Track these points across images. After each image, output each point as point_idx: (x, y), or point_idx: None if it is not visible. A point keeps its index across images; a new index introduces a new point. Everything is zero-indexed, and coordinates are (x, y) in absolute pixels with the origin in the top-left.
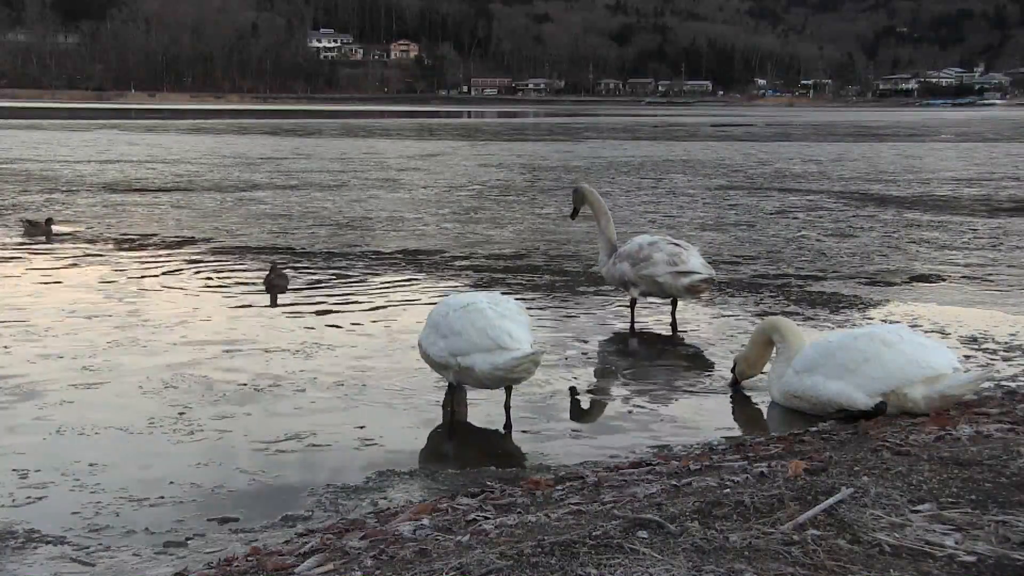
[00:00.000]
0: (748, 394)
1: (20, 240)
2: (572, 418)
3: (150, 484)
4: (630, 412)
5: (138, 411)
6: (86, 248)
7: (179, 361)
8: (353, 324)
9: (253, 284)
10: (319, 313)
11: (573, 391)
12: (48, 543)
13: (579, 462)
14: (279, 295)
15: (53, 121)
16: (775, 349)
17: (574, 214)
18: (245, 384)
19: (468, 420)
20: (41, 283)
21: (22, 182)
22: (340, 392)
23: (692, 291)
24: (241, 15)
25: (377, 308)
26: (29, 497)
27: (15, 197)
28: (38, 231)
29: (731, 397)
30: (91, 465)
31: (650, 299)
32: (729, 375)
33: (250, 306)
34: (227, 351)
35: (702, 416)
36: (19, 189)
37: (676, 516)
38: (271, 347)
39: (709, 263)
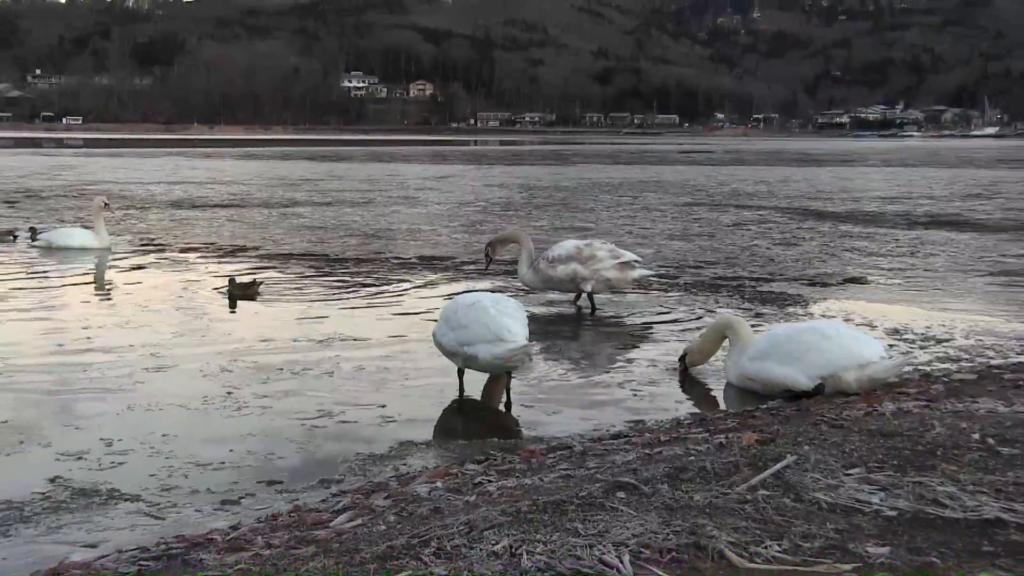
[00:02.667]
0: (708, 379)
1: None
2: (561, 398)
3: (209, 452)
4: (610, 393)
5: (197, 391)
6: (156, 255)
7: (230, 350)
8: (376, 319)
9: (294, 285)
10: (347, 309)
11: (562, 376)
12: (126, 500)
13: (567, 435)
14: (240, 301)
15: (130, 149)
16: (727, 342)
17: (489, 263)
18: (282, 369)
19: (474, 398)
20: (121, 284)
21: (104, 199)
22: (365, 376)
23: (634, 283)
24: (285, 61)
25: (397, 305)
26: (112, 462)
27: (106, 214)
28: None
29: (689, 382)
30: (162, 436)
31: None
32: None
33: (290, 304)
34: (269, 341)
35: (671, 397)
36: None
37: (649, 479)
38: (307, 338)
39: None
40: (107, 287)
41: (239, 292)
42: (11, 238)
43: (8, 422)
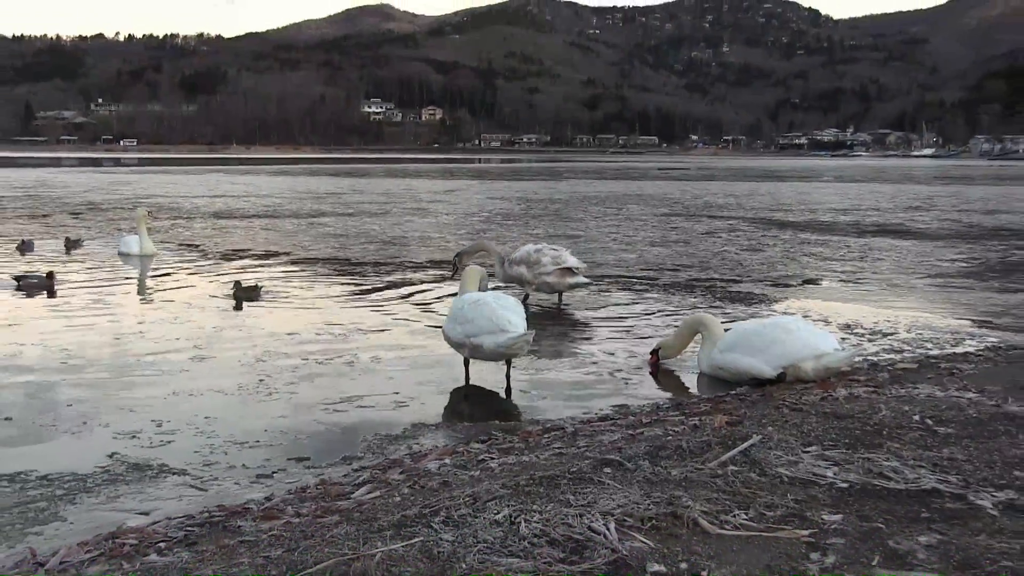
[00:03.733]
0: (682, 370)
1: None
2: (555, 386)
3: (245, 432)
4: (598, 382)
5: (234, 379)
6: (199, 258)
7: (263, 343)
8: (391, 315)
9: (317, 284)
10: (366, 306)
11: (555, 366)
12: (174, 474)
13: (560, 417)
14: (246, 303)
15: (177, 167)
16: (699, 337)
17: (456, 271)
18: (307, 360)
19: (478, 385)
20: (169, 284)
21: (156, 211)
22: (381, 366)
23: (572, 287)
24: (313, 89)
25: (410, 303)
26: (162, 441)
27: (150, 222)
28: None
29: (663, 373)
30: (205, 418)
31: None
32: (649, 356)
33: (315, 302)
34: (296, 335)
35: (651, 385)
36: (151, 216)
37: (632, 457)
38: (329, 332)
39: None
40: (156, 288)
41: (243, 295)
42: (77, 245)
43: (72, 406)
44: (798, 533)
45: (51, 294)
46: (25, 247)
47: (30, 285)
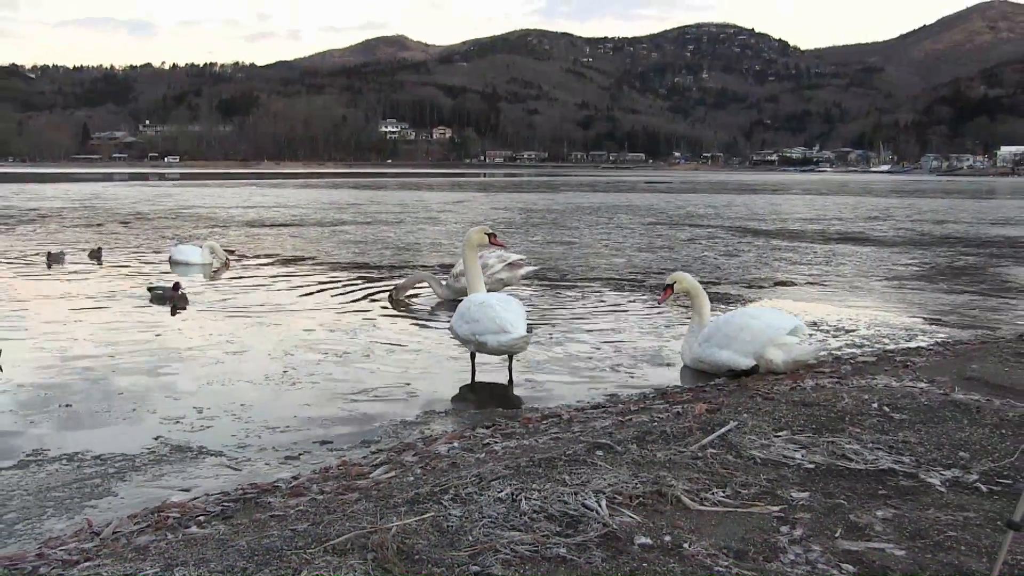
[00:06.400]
0: (669, 364)
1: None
2: (552, 377)
3: (275, 418)
4: (591, 373)
5: (264, 371)
6: (234, 263)
7: (290, 337)
8: (405, 313)
9: (339, 286)
10: (382, 306)
11: (553, 360)
12: (211, 455)
13: (557, 406)
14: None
15: (215, 181)
16: (690, 328)
17: (399, 293)
18: (328, 353)
19: (483, 377)
20: (206, 284)
21: (195, 220)
22: (395, 359)
23: (523, 278)
24: (335, 111)
25: (422, 303)
26: (202, 425)
27: (191, 230)
28: (55, 260)
29: (657, 363)
30: (240, 405)
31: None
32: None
33: (337, 298)
34: (319, 331)
35: (638, 375)
36: (193, 225)
37: (621, 440)
38: (348, 329)
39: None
40: (193, 287)
41: (158, 299)
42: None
43: (123, 394)
44: (770, 509)
45: (178, 304)
46: (55, 259)
47: (159, 296)
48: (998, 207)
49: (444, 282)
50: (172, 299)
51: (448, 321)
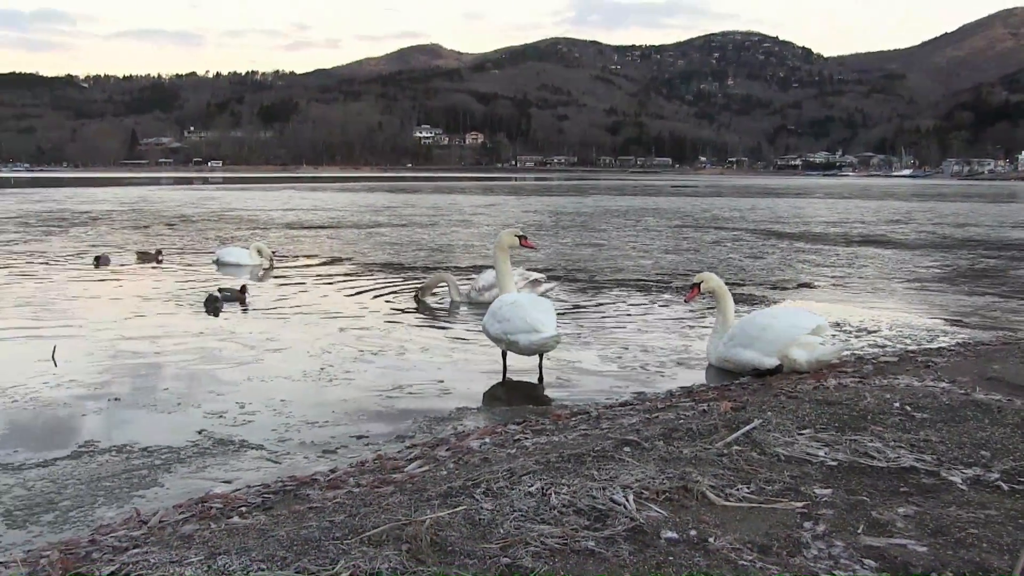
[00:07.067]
0: (695, 363)
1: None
2: (582, 375)
3: (313, 414)
4: (619, 372)
5: (303, 368)
6: (275, 263)
7: (326, 335)
8: (438, 313)
9: (375, 286)
10: (415, 305)
11: (583, 359)
12: (253, 448)
13: (586, 403)
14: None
15: (256, 185)
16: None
17: (424, 293)
18: (363, 351)
19: (514, 375)
20: (247, 284)
21: (237, 222)
22: (429, 357)
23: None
24: (371, 117)
25: (449, 303)
26: (243, 420)
27: (233, 232)
28: (149, 259)
29: (683, 362)
30: (280, 401)
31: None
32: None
33: (373, 298)
34: (354, 330)
35: (665, 375)
36: (235, 227)
37: (648, 437)
38: (383, 327)
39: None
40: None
41: (226, 299)
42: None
43: (168, 389)
44: (793, 505)
45: (243, 305)
46: (101, 262)
47: (227, 298)
48: (1019, 211)
49: (464, 290)
50: (240, 301)
51: (479, 321)
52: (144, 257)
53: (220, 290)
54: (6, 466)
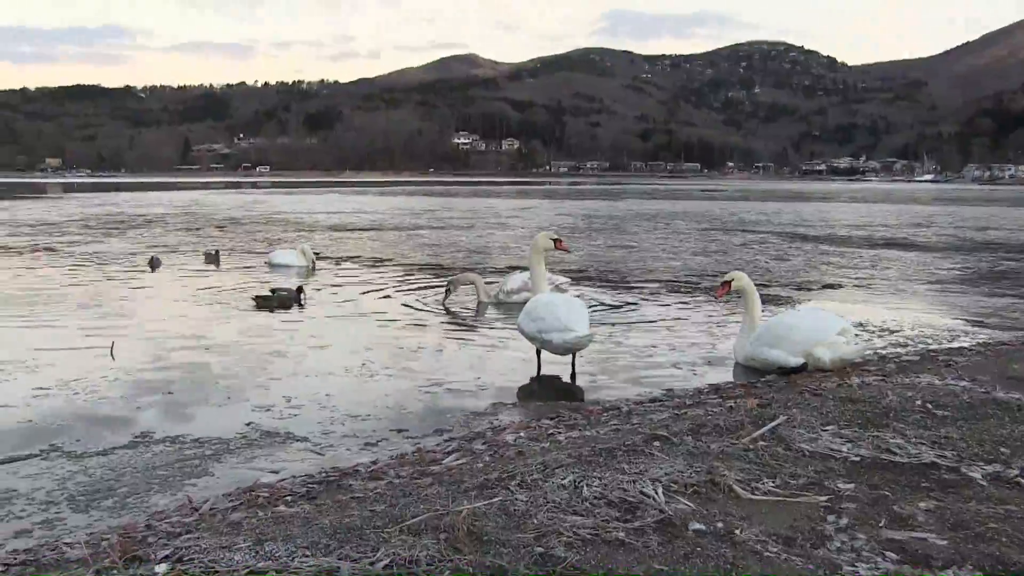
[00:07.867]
0: (722, 361)
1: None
2: (613, 373)
3: (355, 408)
4: (649, 369)
5: (345, 363)
6: (320, 264)
7: (368, 333)
8: (469, 313)
9: (415, 286)
10: (454, 304)
11: (614, 357)
12: (298, 441)
13: (617, 399)
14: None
15: (302, 189)
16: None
17: (454, 286)
18: (403, 348)
19: (548, 371)
20: (293, 283)
21: (284, 225)
22: (466, 354)
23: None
24: (412, 124)
25: (491, 302)
26: (290, 413)
27: (280, 234)
28: (212, 260)
29: (711, 361)
30: (325, 395)
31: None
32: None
33: (412, 301)
34: (395, 327)
35: (694, 373)
36: (281, 229)
37: (677, 432)
38: (422, 325)
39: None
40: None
41: (281, 301)
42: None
43: (219, 383)
44: (817, 499)
45: (300, 306)
46: (154, 263)
47: (283, 298)
48: None
49: (492, 291)
50: (297, 301)
51: (509, 322)
52: (210, 258)
53: (274, 290)
54: (69, 454)
